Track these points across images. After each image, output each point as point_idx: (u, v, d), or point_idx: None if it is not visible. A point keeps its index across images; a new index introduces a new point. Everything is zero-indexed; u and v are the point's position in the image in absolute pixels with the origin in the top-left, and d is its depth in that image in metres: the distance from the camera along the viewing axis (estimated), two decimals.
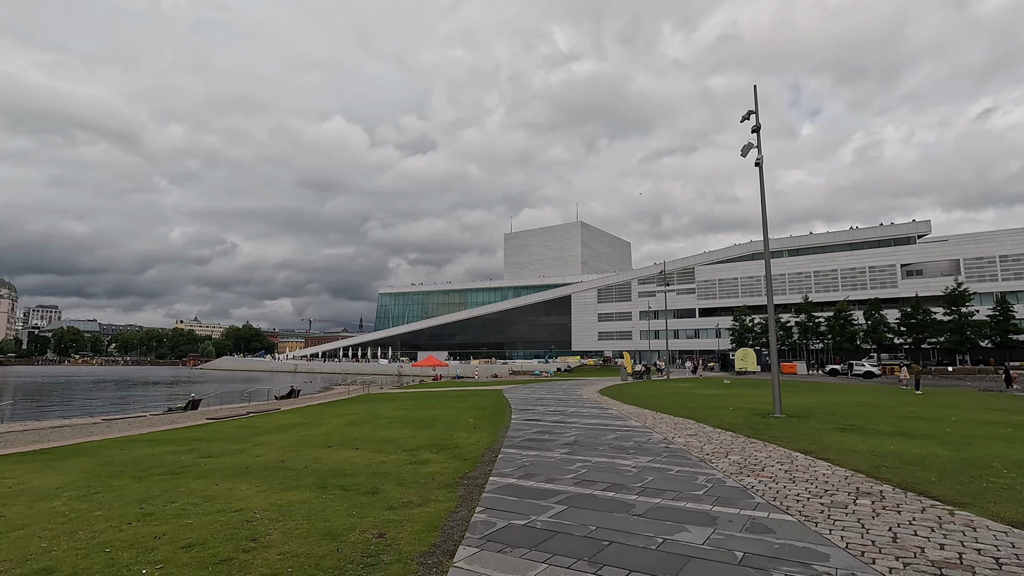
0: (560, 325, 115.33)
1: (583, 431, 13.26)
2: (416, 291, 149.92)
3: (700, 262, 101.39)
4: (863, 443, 10.98)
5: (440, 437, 12.40)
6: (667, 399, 23.36)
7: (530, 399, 24.40)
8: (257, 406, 29.55)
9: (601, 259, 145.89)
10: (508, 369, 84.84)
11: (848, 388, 32.08)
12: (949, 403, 22.50)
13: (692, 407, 19.38)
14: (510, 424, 14.78)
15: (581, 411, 18.41)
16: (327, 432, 14.03)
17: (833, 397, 24.33)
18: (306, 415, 19.60)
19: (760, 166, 17.00)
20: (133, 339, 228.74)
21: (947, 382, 44.65)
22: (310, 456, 10.28)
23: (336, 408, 22.52)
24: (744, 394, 26.20)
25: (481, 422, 15.42)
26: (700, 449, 10.39)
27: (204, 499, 6.94)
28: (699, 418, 15.72)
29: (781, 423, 14.27)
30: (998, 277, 76.65)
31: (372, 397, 29.82)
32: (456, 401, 23.58)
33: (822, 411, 17.84)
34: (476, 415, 17.35)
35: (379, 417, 17.62)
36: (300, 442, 12.33)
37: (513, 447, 10.85)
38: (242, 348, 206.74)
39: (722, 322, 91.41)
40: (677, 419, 15.64)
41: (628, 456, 9.70)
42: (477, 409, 19.46)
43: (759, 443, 11.04)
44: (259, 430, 15.45)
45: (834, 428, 13.37)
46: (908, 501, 6.44)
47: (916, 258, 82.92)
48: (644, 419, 15.69)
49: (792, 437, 11.77)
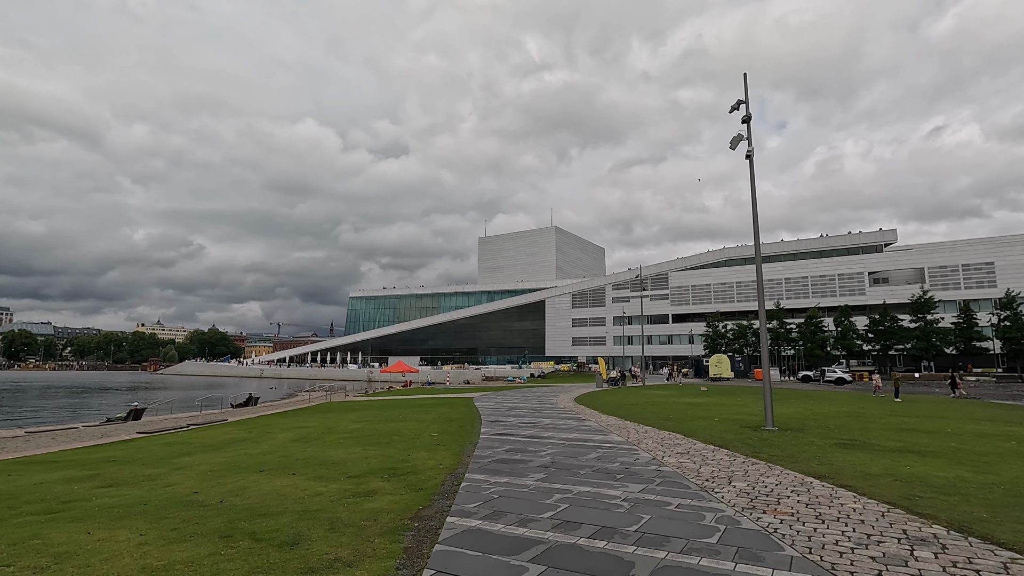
0: (534, 330, 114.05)
1: (560, 449, 11.72)
2: (388, 295, 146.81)
3: (673, 268, 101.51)
4: (875, 463, 9.71)
5: (396, 458, 10.69)
6: (647, 408, 22.06)
7: (502, 408, 22.79)
8: (206, 415, 27.19)
9: (575, 265, 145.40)
10: (481, 375, 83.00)
11: (827, 396, 31.40)
12: (933, 412, 21.77)
13: (675, 418, 18.07)
14: (478, 440, 13.15)
15: (557, 423, 16.89)
16: (266, 451, 12.15)
17: (816, 406, 23.40)
18: (252, 428, 17.59)
19: (751, 158, 15.84)
20: (90, 343, 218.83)
21: (914, 388, 44.75)
22: (233, 486, 8.46)
23: (289, 420, 20.50)
24: (726, 403, 25.10)
25: (446, 437, 13.74)
26: (697, 473, 8.95)
27: (56, 559, 5.13)
28: (686, 432, 14.36)
29: (777, 438, 13.00)
30: (961, 285, 78.42)
31: (332, 406, 27.76)
32: (422, 411, 21.80)
33: (812, 423, 16.71)
34: (441, 429, 15.66)
35: (332, 431, 15.77)
36: (229, 465, 10.46)
37: (480, 471, 9.23)
38: (207, 353, 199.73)
39: (695, 328, 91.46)
40: (663, 433, 14.25)
41: (616, 484, 8.18)
42: (443, 421, 17.76)
43: (761, 464, 9.67)
44: (190, 448, 13.45)
45: (835, 444, 12.14)
46: (978, 552, 5.06)
47: (883, 266, 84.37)
48: (627, 433, 14.24)
49: (795, 456, 10.45)
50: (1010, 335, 63.64)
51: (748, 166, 16.12)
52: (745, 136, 16.00)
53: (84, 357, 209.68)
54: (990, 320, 67.10)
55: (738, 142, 15.95)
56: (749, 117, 16.02)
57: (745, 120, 16.06)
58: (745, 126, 16.08)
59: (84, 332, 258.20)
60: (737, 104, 16.21)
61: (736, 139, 15.96)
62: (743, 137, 15.96)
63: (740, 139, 15.99)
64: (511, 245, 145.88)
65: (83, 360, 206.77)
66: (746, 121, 16.06)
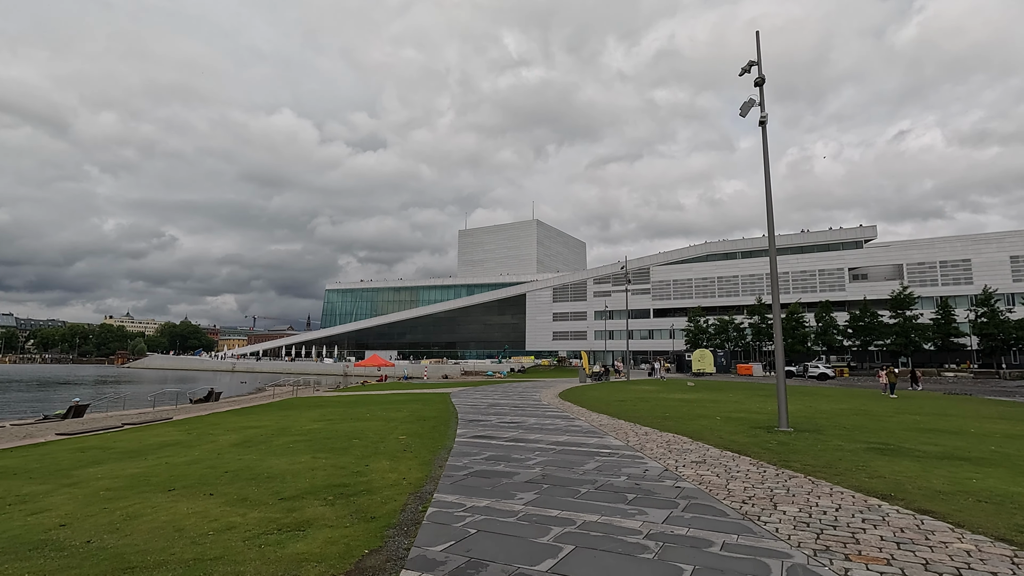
0: (514, 325, 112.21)
1: (551, 456, 9.81)
2: (365, 288, 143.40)
3: (655, 263, 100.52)
4: (932, 475, 8.01)
5: (350, 469, 8.64)
6: (638, 406, 20.31)
7: (481, 405, 20.82)
8: (156, 412, 24.66)
9: (556, 259, 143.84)
10: (460, 369, 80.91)
11: (819, 392, 30.14)
12: (938, 409, 20.49)
13: (673, 417, 16.32)
14: (453, 444, 11.17)
15: (543, 422, 14.99)
16: (193, 460, 9.98)
17: (816, 403, 21.95)
18: (194, 429, 15.30)
19: (764, 124, 14.07)
20: (54, 335, 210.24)
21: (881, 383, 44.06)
22: (122, 513, 6.34)
23: (241, 418, 18.22)
24: (719, 400, 23.53)
25: (415, 441, 11.72)
26: (726, 490, 7.11)
27: None
28: (690, 433, 12.58)
29: (798, 442, 11.29)
30: (938, 282, 78.85)
31: (295, 403, 25.45)
32: (392, 409, 19.70)
33: (824, 422, 15.13)
34: (411, 430, 13.62)
35: (285, 432, 13.61)
36: (136, 480, 8.29)
37: (453, 488, 7.26)
38: (178, 346, 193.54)
39: (676, 323, 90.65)
40: (665, 435, 12.44)
41: (630, 509, 6.28)
42: (415, 420, 15.72)
43: (800, 477, 7.87)
44: (104, 455, 11.18)
45: (867, 448, 10.47)
46: None
47: (862, 262, 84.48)
48: (624, 435, 12.39)
49: (833, 466, 8.70)
50: (987, 331, 63.92)
51: (761, 138, 14.38)
52: (757, 101, 14.23)
53: (48, 350, 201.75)
54: (967, 316, 67.39)
55: (749, 108, 14.18)
56: (763, 80, 14.25)
57: (758, 83, 14.29)
58: (758, 89, 14.31)
59: (48, 324, 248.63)
60: (748, 66, 14.44)
61: (747, 104, 14.18)
62: (755, 102, 14.19)
63: (751, 104, 14.22)
64: (491, 238, 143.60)
65: (47, 353, 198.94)
66: (759, 84, 14.29)
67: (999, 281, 72.14)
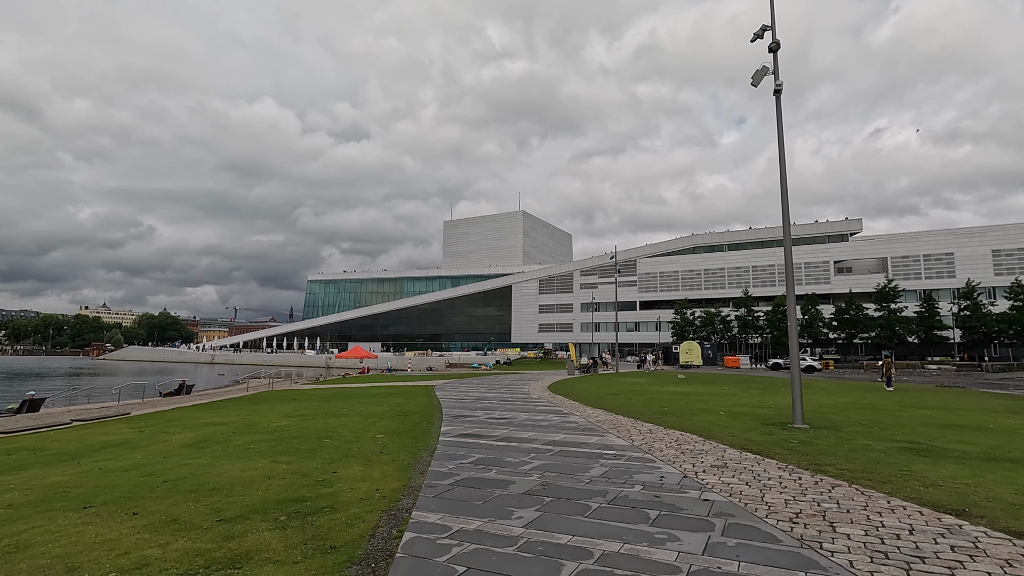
0: (500, 317, 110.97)
1: (549, 459, 8.56)
2: (348, 279, 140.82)
3: (642, 254, 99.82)
4: (994, 481, 6.93)
5: (314, 477, 7.30)
6: (633, 399, 19.20)
7: (467, 399, 19.54)
8: (119, 406, 22.94)
9: (542, 251, 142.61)
10: (445, 361, 79.55)
11: (814, 385, 29.37)
12: (939, 403, 19.73)
13: (673, 411, 15.21)
14: (437, 445, 9.87)
15: (535, 418, 13.76)
16: (132, 465, 8.54)
17: (817, 397, 21.05)
18: (148, 426, 13.79)
19: (779, 94, 12.90)
20: (27, 326, 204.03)
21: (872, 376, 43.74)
22: (8, 544, 4.94)
23: (206, 413, 16.71)
24: (716, 393, 22.55)
25: (394, 440, 10.40)
26: (765, 503, 5.92)
27: None
28: (699, 431, 11.44)
29: (821, 440, 10.19)
30: (922, 275, 79.27)
31: (269, 396, 23.92)
32: (372, 403, 18.33)
33: (837, 417, 14.15)
34: (391, 427, 12.29)
35: (250, 430, 12.19)
36: (52, 493, 6.85)
37: (436, 505, 5.97)
38: (157, 337, 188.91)
39: (663, 315, 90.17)
40: (671, 433, 11.27)
41: (658, 534, 5.05)
42: (395, 416, 14.38)
43: (844, 485, 6.72)
44: (32, 458, 9.67)
45: (898, 448, 9.41)
46: None
47: (848, 255, 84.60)
48: (627, 433, 11.20)
49: (872, 469, 7.59)
50: (970, 324, 64.25)
51: (782, 92, 13.17)
52: (771, 69, 13.03)
53: (20, 341, 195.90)
54: (951, 309, 67.69)
55: (762, 76, 12.98)
56: (777, 45, 13.04)
57: (772, 49, 13.08)
58: (771, 56, 13.11)
59: (21, 315, 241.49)
60: (761, 31, 13.22)
61: (759, 73, 12.98)
62: (768, 70, 12.99)
63: (765, 73, 13.02)
64: (477, 229, 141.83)
65: (19, 344, 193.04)
66: (773, 51, 13.08)
67: (981, 275, 72.66)
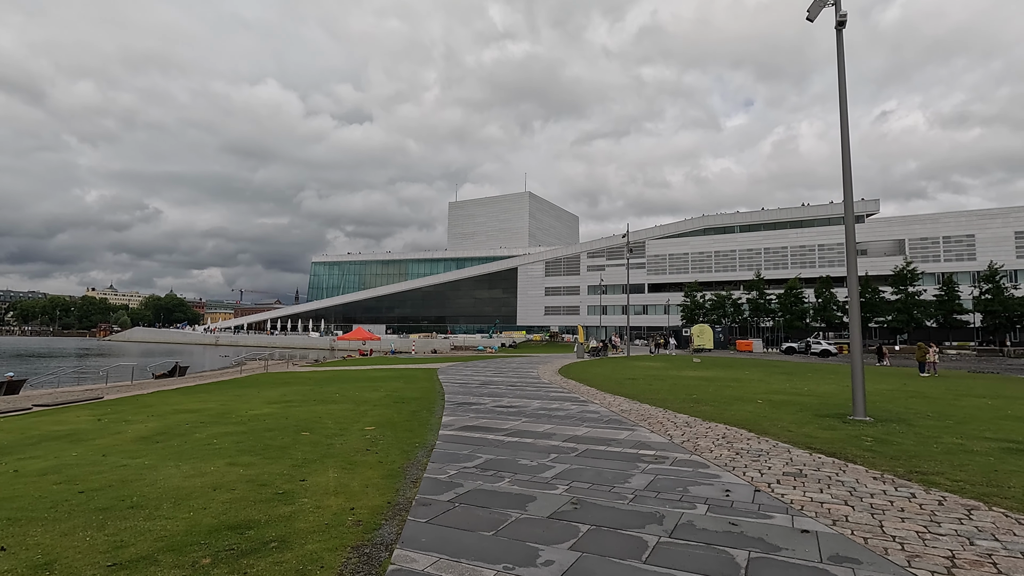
0: (505, 299, 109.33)
1: (574, 461, 6.94)
2: (352, 260, 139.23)
3: (651, 236, 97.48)
4: None
5: (274, 487, 5.70)
6: (655, 385, 17.56)
7: (472, 384, 17.96)
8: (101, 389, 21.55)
9: (549, 233, 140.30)
10: (449, 344, 78.23)
11: (843, 371, 27.61)
12: (986, 391, 17.97)
13: (705, 400, 13.55)
14: (436, 439, 8.26)
15: (550, 407, 12.14)
16: (55, 467, 6.98)
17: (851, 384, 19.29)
18: (112, 413, 12.28)
19: (842, 27, 10.96)
20: (35, 307, 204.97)
21: (897, 361, 41.88)
22: None
23: (185, 397, 15.20)
24: (741, 378, 20.87)
25: (386, 434, 8.80)
26: (890, 537, 4.30)
27: None
28: (744, 423, 9.78)
29: (898, 438, 8.52)
30: (941, 258, 76.71)
31: (262, 379, 22.44)
32: (369, 388, 16.77)
33: (895, 408, 12.47)
34: (384, 416, 10.70)
35: (223, 419, 10.64)
36: None
37: (428, 537, 4.37)
38: (163, 319, 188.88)
39: (672, 298, 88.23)
40: (714, 426, 9.62)
41: None
42: (391, 403, 12.80)
43: (982, 507, 5.07)
44: None
45: (1002, 449, 7.72)
46: None
47: (864, 237, 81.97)
48: (662, 427, 9.56)
49: (994, 480, 5.93)
50: (991, 308, 62.04)
51: (845, 26, 11.24)
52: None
53: (28, 322, 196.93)
54: (971, 293, 65.37)
55: (820, 8, 11.02)
56: None
57: None
58: None
59: (29, 296, 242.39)
60: None
61: (817, 4, 11.02)
62: (826, 1, 11.02)
63: (821, 6, 11.05)
64: (483, 211, 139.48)
65: (27, 325, 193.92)
66: None
67: (1004, 257, 70.10)
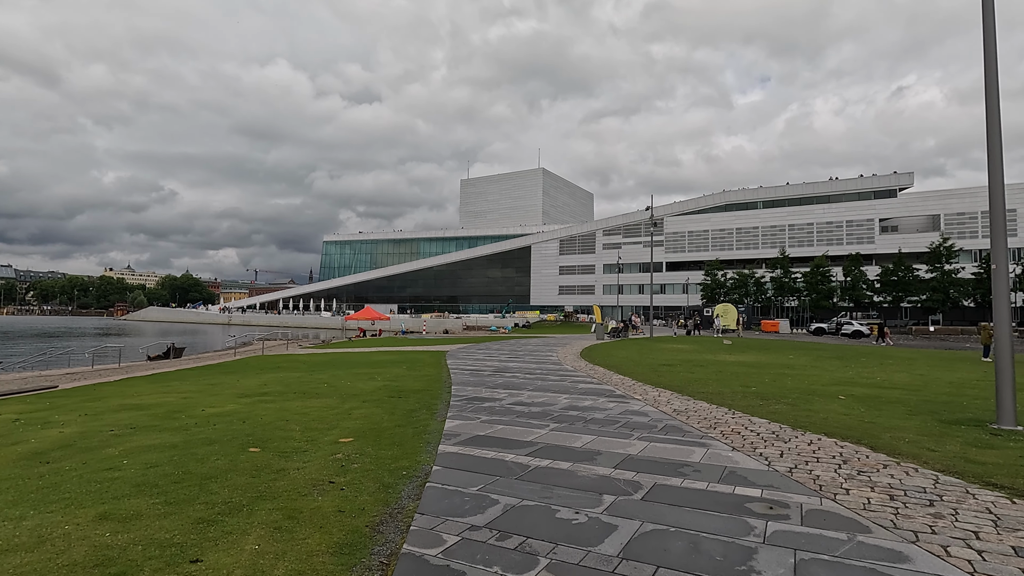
0: (518, 279, 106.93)
1: (642, 512, 4.64)
2: (364, 239, 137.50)
3: (669, 212, 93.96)
4: None
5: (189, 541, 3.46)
6: (697, 373, 15.20)
7: (485, 371, 15.74)
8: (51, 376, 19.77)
9: (563, 210, 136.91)
10: (462, 324, 76.35)
11: (893, 355, 24.94)
12: None
13: (767, 394, 11.15)
14: (434, 463, 6.00)
15: (581, 404, 9.86)
16: None
17: (931, 372, 16.76)
18: (42, 409, 10.25)
19: None
20: (54, 287, 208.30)
21: (931, 343, 38.91)
22: None
23: (153, 386, 13.17)
24: (788, 364, 18.41)
25: (367, 448, 6.59)
26: None
27: None
28: (849, 435, 7.40)
29: None
30: (979, 234, 72.56)
31: (251, 363, 20.44)
32: (365, 376, 14.62)
33: None
34: (371, 419, 8.51)
35: (166, 421, 8.52)
36: None
37: None
38: (179, 299, 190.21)
39: (692, 276, 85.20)
40: (814, 439, 7.23)
41: None
42: (386, 398, 10.61)
43: None
44: None
45: None
46: None
47: (895, 212, 77.86)
48: (746, 441, 7.20)
49: None
50: None
51: None
52: None
53: (47, 302, 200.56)
54: (1014, 271, 61.59)
55: None
56: None
57: None
58: None
59: (48, 276, 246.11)
60: None
61: None
62: None
63: None
64: (495, 188, 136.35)
65: (46, 305, 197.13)
66: None
67: None
